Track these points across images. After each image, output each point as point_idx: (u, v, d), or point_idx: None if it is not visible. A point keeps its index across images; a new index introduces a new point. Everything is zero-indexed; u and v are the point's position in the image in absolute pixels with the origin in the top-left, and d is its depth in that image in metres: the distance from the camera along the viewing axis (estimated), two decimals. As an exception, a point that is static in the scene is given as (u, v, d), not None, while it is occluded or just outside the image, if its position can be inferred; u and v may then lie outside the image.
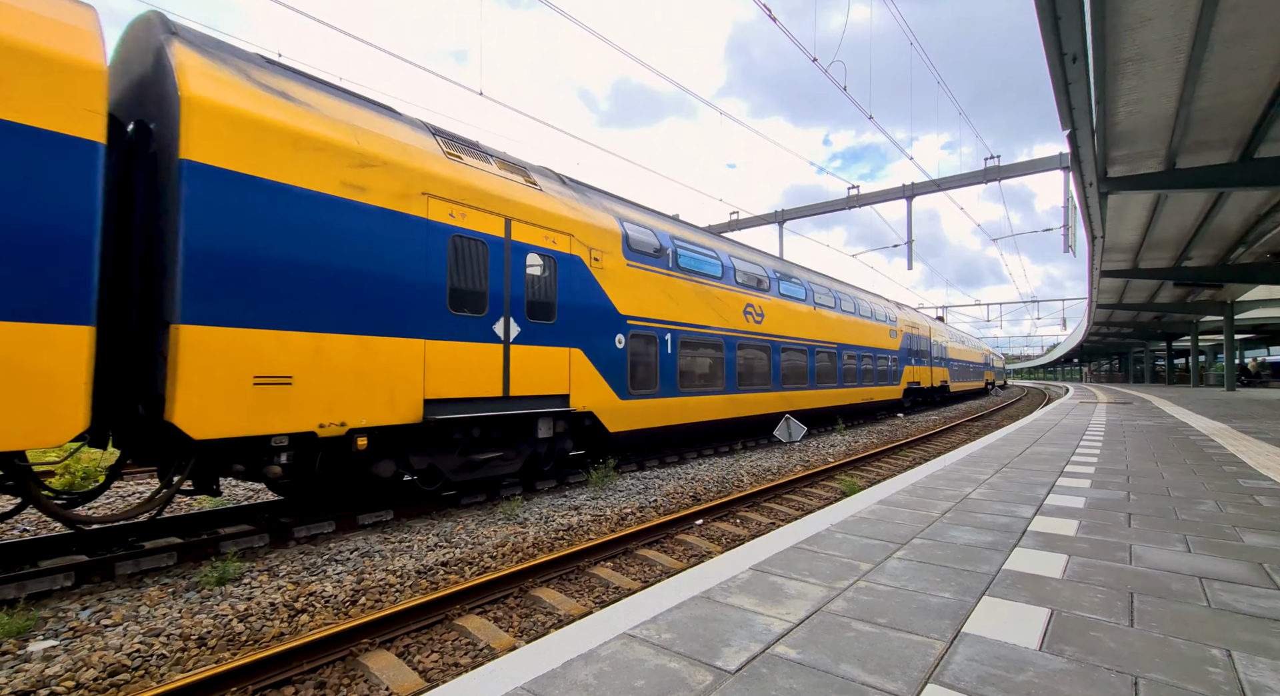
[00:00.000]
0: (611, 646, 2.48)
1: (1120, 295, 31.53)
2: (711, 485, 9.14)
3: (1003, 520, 4.56)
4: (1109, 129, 10.61)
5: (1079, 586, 3.16)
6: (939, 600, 2.97)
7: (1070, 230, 17.95)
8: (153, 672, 3.62)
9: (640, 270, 9.96)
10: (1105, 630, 2.62)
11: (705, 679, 2.22)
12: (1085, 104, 8.89)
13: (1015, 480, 6.24)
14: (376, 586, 4.91)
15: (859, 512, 4.81)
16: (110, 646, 3.82)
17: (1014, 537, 4.07)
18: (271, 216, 5.43)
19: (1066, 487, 5.83)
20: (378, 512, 6.88)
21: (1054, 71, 8.05)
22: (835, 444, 14.31)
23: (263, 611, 4.38)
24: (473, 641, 4.10)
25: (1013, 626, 2.66)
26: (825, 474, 10.04)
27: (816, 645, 2.48)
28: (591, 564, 5.55)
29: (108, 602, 4.54)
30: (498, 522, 6.84)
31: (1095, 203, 13.48)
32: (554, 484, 8.97)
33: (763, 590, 3.12)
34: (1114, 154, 11.77)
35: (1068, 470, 6.86)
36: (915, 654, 2.40)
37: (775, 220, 25.63)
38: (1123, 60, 8.48)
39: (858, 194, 22.88)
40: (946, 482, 6.11)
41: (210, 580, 4.85)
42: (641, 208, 11.18)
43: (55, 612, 4.34)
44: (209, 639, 3.98)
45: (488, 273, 7.24)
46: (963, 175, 20.78)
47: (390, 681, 3.54)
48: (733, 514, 7.52)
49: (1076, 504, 5.12)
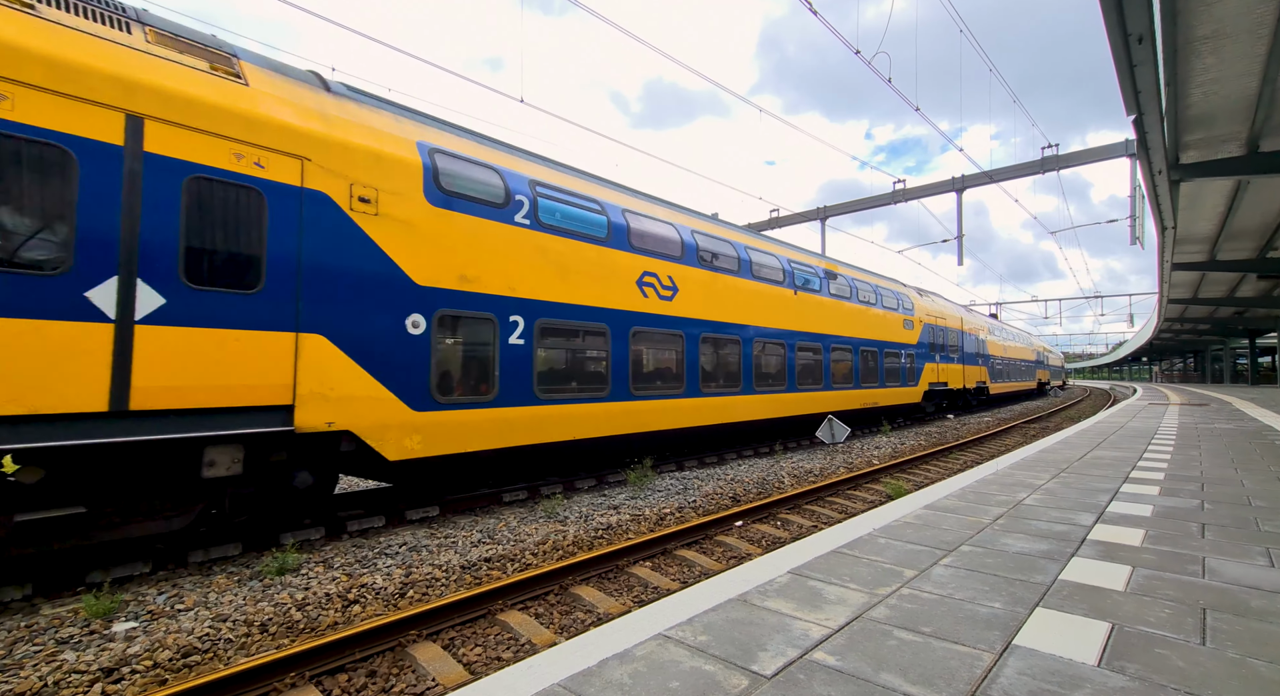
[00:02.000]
0: (647, 646, 2.50)
1: (1195, 289, 29.40)
2: (751, 486, 9.05)
3: (1059, 528, 4.33)
4: (1180, 112, 9.91)
5: (1143, 600, 2.98)
6: (988, 610, 2.85)
7: (1137, 221, 16.86)
8: (220, 655, 3.87)
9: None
10: (1173, 647, 2.46)
11: (741, 683, 2.21)
12: (1153, 87, 8.34)
13: (1074, 486, 5.92)
14: (423, 580, 5.08)
15: (904, 517, 4.67)
16: (183, 629, 4.10)
17: (1071, 546, 3.87)
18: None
19: (1132, 494, 5.49)
20: (425, 508, 7.13)
21: (1117, 54, 7.58)
22: (881, 445, 13.91)
23: (319, 601, 4.61)
24: (514, 636, 4.19)
25: (1069, 640, 2.53)
26: (869, 476, 9.78)
27: (856, 652, 2.43)
28: (630, 563, 5.59)
29: (180, 588, 4.88)
30: (539, 520, 6.97)
31: (1165, 191, 12.62)
32: (593, 483, 9.06)
33: (801, 594, 3.07)
34: (1186, 139, 10.99)
35: (1133, 476, 6.46)
36: (961, 665, 2.32)
37: (817, 217, 25.11)
38: (1196, 39, 7.91)
39: (904, 188, 22.16)
40: (999, 487, 5.85)
41: (271, 570, 5.14)
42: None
43: (136, 596, 4.68)
44: (270, 625, 4.22)
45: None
46: (1018, 166, 19.82)
47: (436, 672, 3.67)
48: (773, 516, 7.42)
49: (1143, 512, 4.82)
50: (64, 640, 3.95)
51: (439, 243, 6.73)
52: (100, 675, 3.53)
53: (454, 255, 6.87)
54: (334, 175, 5.90)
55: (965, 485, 5.97)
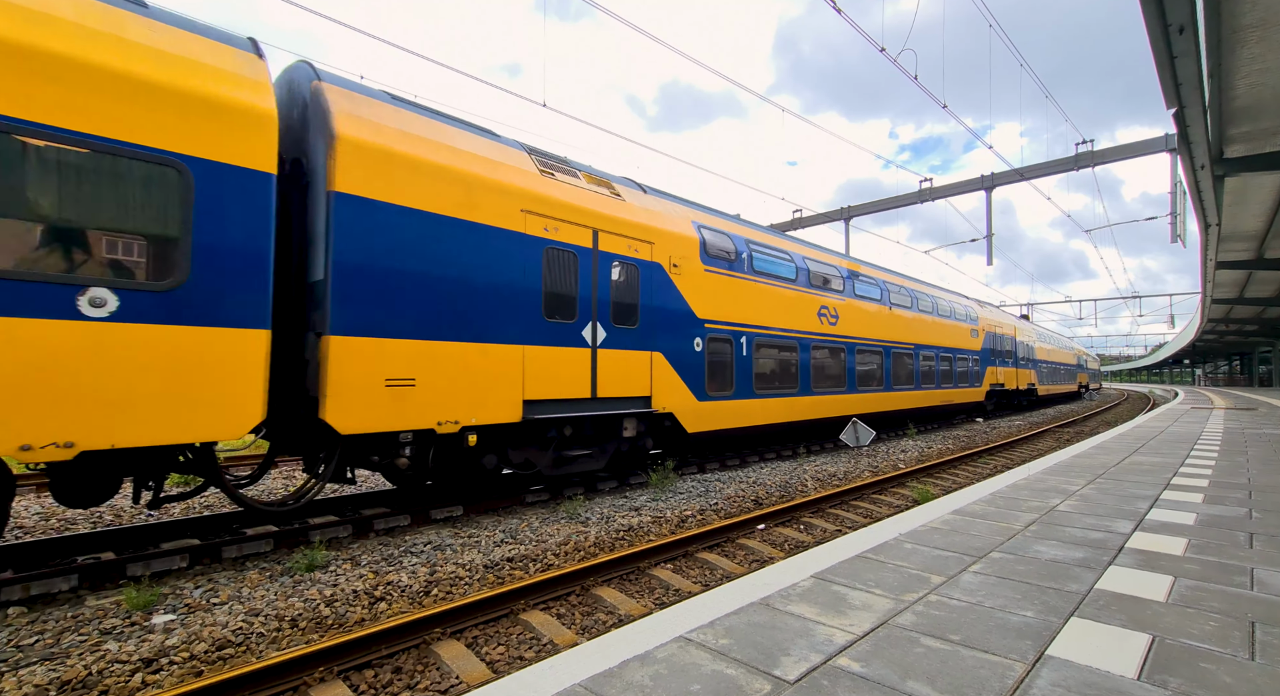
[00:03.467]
0: (668, 648, 2.49)
1: (1241, 289, 28.14)
2: (774, 489, 8.95)
3: (1095, 535, 4.19)
4: (1225, 104, 9.51)
5: (1187, 612, 2.86)
6: (1019, 619, 2.77)
7: (1178, 218, 16.22)
8: (253, 649, 3.97)
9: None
10: (1219, 662, 2.36)
11: (763, 687, 2.18)
12: (1195, 78, 8.02)
13: (1111, 492, 5.72)
14: (447, 578, 5.15)
15: (930, 522, 4.57)
16: (218, 623, 4.23)
17: (1108, 555, 3.74)
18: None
19: (1173, 502, 5.28)
20: (448, 508, 7.23)
21: (1156, 45, 7.31)
22: (907, 449, 13.63)
23: (346, 598, 4.70)
24: (536, 636, 4.22)
25: (1106, 651, 2.44)
26: (895, 480, 9.59)
27: (881, 659, 2.38)
28: (651, 565, 5.58)
29: (215, 583, 5.03)
30: (560, 521, 7.01)
31: (1209, 187, 12.11)
32: (615, 484, 9.07)
33: (825, 599, 3.03)
34: (1231, 131, 10.54)
35: (1175, 483, 6.21)
36: (991, 675, 2.26)
37: (841, 217, 24.78)
38: (1243, 27, 7.58)
39: (931, 187, 21.73)
40: (1030, 493, 5.69)
41: (301, 566, 5.27)
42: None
43: (174, 590, 4.85)
44: (300, 621, 4.32)
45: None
46: (1051, 162, 19.27)
47: (460, 670, 3.71)
48: (795, 519, 7.32)
49: (1185, 520, 4.63)
50: (107, 631, 4.10)
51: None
52: (140, 665, 3.66)
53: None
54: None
55: (995, 490, 5.81)
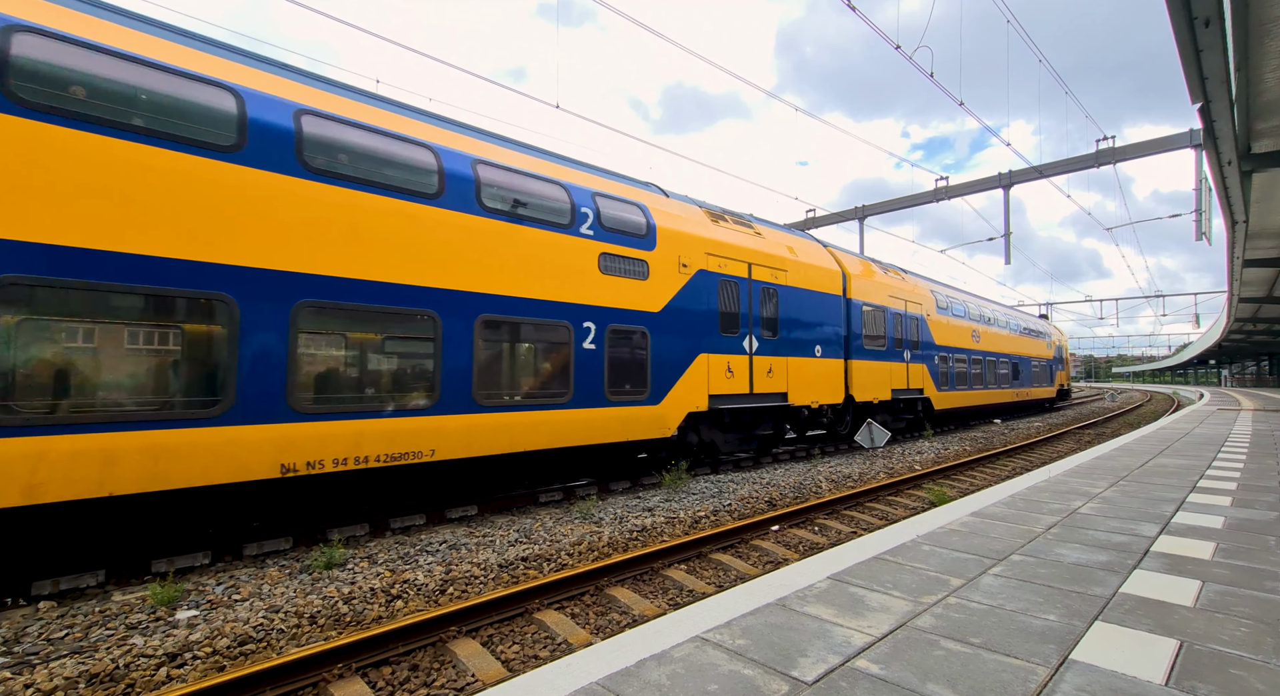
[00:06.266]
0: (685, 648, 2.48)
1: (1270, 287, 27.41)
2: (788, 491, 8.89)
3: (1119, 538, 4.11)
4: (1253, 98, 9.27)
5: (1215, 617, 2.79)
6: (1042, 622, 2.73)
7: (1203, 215, 15.85)
8: (274, 645, 4.03)
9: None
10: (1250, 668, 2.30)
11: (781, 688, 2.17)
12: (1221, 72, 7.83)
13: (1135, 495, 5.60)
14: (463, 577, 5.19)
15: (948, 524, 4.51)
16: (240, 618, 4.30)
17: (1133, 558, 3.66)
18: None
19: (1200, 505, 5.16)
20: (463, 507, 7.28)
21: (1181, 38, 7.16)
22: (923, 450, 13.48)
23: (364, 595, 4.76)
24: (551, 635, 4.23)
25: (1132, 656, 2.39)
26: (911, 482, 9.48)
27: (901, 662, 2.36)
28: (665, 565, 5.57)
29: (237, 579, 5.11)
30: (574, 521, 7.02)
31: (1236, 183, 11.83)
32: (628, 485, 9.08)
33: (842, 601, 3.00)
34: (1260, 126, 10.27)
35: (1201, 485, 6.07)
36: (1013, 679, 2.22)
37: (855, 216, 24.58)
38: (1273, 19, 7.38)
39: (946, 186, 21.48)
40: (1051, 495, 5.59)
41: (319, 564, 5.34)
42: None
43: (197, 586, 4.94)
44: (319, 618, 4.38)
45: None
46: (1070, 159, 18.94)
47: (476, 668, 3.74)
48: (810, 521, 7.27)
49: (1213, 524, 4.52)
50: (133, 625, 4.19)
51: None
52: (165, 659, 3.74)
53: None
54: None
55: (1015, 492, 5.72)
